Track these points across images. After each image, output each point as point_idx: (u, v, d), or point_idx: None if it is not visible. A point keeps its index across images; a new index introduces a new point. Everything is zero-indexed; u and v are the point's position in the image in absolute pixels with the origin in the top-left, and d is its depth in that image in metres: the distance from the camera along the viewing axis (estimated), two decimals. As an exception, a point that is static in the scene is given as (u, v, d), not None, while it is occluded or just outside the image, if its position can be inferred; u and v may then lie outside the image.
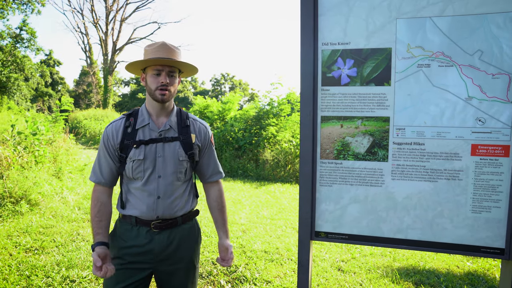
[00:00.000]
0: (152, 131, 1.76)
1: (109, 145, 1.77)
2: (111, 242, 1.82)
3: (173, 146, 1.78)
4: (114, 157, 1.79)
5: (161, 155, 1.75)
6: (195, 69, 1.87)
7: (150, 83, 1.74)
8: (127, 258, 1.76)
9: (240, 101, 12.74)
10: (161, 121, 1.80)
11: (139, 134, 1.76)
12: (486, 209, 1.44)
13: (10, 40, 24.99)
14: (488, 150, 1.42)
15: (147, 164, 1.74)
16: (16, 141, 6.53)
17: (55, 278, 3.31)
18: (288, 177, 8.89)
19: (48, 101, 35.53)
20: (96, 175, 1.81)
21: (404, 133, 1.50)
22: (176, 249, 1.81)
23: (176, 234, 1.81)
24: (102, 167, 1.80)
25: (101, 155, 1.81)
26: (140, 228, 1.77)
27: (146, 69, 1.77)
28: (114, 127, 1.79)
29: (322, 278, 3.53)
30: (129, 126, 1.77)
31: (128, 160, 1.74)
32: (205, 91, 49.26)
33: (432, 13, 1.42)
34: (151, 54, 1.73)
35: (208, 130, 1.92)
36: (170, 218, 1.78)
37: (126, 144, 1.74)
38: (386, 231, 1.57)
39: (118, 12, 33.04)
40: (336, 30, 1.53)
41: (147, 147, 1.74)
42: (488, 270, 3.67)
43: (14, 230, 4.52)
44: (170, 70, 1.74)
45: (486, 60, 1.38)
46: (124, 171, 1.77)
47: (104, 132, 1.82)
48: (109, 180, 1.81)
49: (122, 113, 1.80)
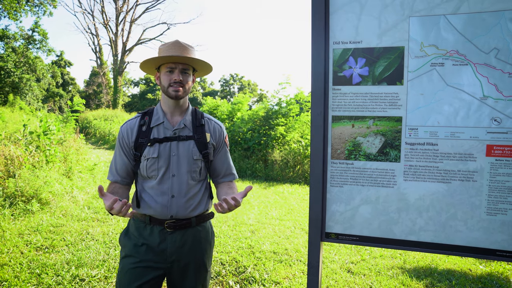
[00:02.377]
0: (167, 129, 1.77)
1: (124, 144, 1.78)
2: (124, 240, 1.82)
3: (188, 145, 1.77)
4: (130, 156, 1.79)
5: (176, 154, 1.75)
6: (209, 67, 1.86)
7: (163, 80, 1.74)
8: (140, 257, 1.75)
9: (249, 101, 12.73)
10: (175, 119, 1.80)
11: (153, 132, 1.76)
12: (502, 211, 1.41)
13: (22, 42, 25.39)
14: (504, 151, 1.38)
15: (161, 163, 1.74)
16: (28, 141, 6.61)
17: (65, 277, 3.33)
18: (297, 178, 8.85)
19: (59, 101, 35.92)
20: (113, 174, 1.82)
21: (416, 133, 1.48)
22: (189, 250, 1.80)
23: (189, 235, 1.80)
24: (118, 165, 1.81)
25: (117, 154, 1.82)
26: (153, 227, 1.76)
27: (160, 67, 1.78)
28: (129, 125, 1.80)
29: (332, 279, 3.50)
30: (144, 124, 1.78)
31: (143, 159, 1.75)
32: (214, 91, 49.38)
33: (446, 10, 1.39)
34: (164, 52, 1.74)
35: (223, 130, 1.92)
36: (184, 218, 1.77)
37: (141, 142, 1.75)
38: (398, 232, 1.54)
39: (128, 13, 33.32)
40: (347, 28, 1.51)
41: (161, 146, 1.74)
42: (502, 274, 3.60)
43: (25, 228, 4.57)
44: (183, 67, 1.74)
45: (502, 59, 1.35)
46: (139, 170, 1.77)
47: (119, 131, 1.83)
48: (126, 178, 1.82)
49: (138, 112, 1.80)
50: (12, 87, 23.72)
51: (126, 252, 1.79)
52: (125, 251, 1.80)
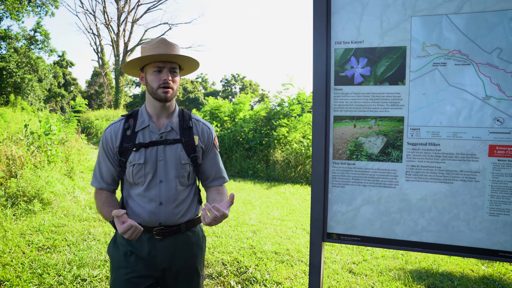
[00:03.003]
0: (153, 133, 1.68)
1: (108, 149, 1.70)
2: (112, 251, 1.76)
3: (175, 148, 1.69)
4: (114, 162, 1.71)
5: (163, 159, 1.67)
6: (196, 64, 1.77)
7: (151, 81, 1.64)
8: (130, 267, 1.68)
9: (251, 102, 12.73)
10: (162, 122, 1.71)
11: (138, 136, 1.67)
12: (504, 211, 1.40)
13: (24, 42, 25.43)
14: (506, 151, 1.38)
15: (148, 168, 1.65)
16: (30, 141, 6.62)
17: (67, 277, 3.34)
18: (299, 178, 8.84)
19: (60, 101, 35.98)
20: (98, 181, 1.74)
21: (418, 134, 1.47)
22: (180, 257, 1.73)
23: (179, 242, 1.73)
24: (102, 171, 1.73)
25: (101, 160, 1.73)
26: (142, 235, 1.68)
27: (145, 67, 1.67)
28: (113, 129, 1.70)
29: (333, 280, 3.49)
30: (128, 128, 1.68)
31: (128, 165, 1.66)
32: (216, 91, 49.40)
33: (449, 10, 1.39)
34: (150, 50, 1.62)
35: (211, 131, 1.83)
36: (173, 225, 1.70)
37: (126, 147, 1.66)
38: (400, 233, 1.54)
39: (130, 13, 33.37)
40: (349, 28, 1.51)
41: (147, 150, 1.65)
42: (505, 274, 3.59)
43: (27, 228, 4.58)
44: (171, 66, 1.65)
45: (505, 58, 1.34)
46: (125, 176, 1.70)
47: (102, 135, 1.73)
48: (111, 184, 1.74)
49: (122, 115, 1.77)
50: (14, 87, 23.76)
51: (116, 264, 1.72)
52: (115, 262, 1.73)
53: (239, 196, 6.98)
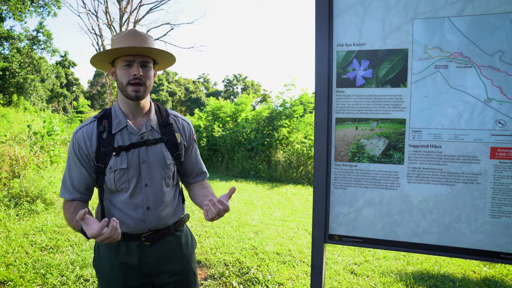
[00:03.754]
0: (132, 134, 1.55)
1: (82, 154, 1.52)
2: (97, 265, 1.64)
3: (158, 149, 1.58)
4: (89, 168, 1.54)
5: (146, 161, 1.55)
6: (172, 58, 1.63)
7: (120, 76, 1.50)
8: (120, 279, 1.58)
9: (252, 102, 12.75)
10: (139, 122, 1.58)
11: (117, 139, 1.53)
12: (506, 214, 1.40)
13: (27, 42, 25.55)
14: (508, 153, 1.38)
15: (131, 173, 1.53)
16: (32, 141, 6.64)
17: (70, 277, 3.35)
18: (301, 179, 8.85)
19: (63, 101, 36.09)
20: (69, 191, 1.55)
21: (420, 136, 1.48)
22: (172, 259, 1.66)
23: (170, 244, 1.66)
24: (74, 180, 1.54)
25: (72, 167, 1.55)
26: (129, 244, 1.58)
27: (115, 61, 1.53)
28: (86, 133, 1.53)
29: (335, 281, 3.50)
30: (104, 130, 1.52)
31: (108, 171, 1.51)
32: (218, 92, 49.42)
33: (451, 13, 1.39)
34: (119, 43, 1.48)
35: (191, 127, 1.74)
36: (162, 228, 1.62)
37: (104, 152, 1.51)
38: (402, 235, 1.54)
39: (132, 14, 33.41)
40: (351, 31, 1.51)
41: (128, 154, 1.52)
42: (507, 276, 3.59)
43: (30, 228, 4.60)
44: (143, 60, 1.50)
45: (507, 61, 1.34)
46: (104, 184, 1.54)
47: (72, 140, 1.55)
48: (85, 194, 1.57)
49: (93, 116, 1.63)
50: (16, 87, 23.86)
51: (104, 279, 1.61)
52: (104, 277, 1.61)
53: (241, 197, 6.99)
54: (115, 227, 1.25)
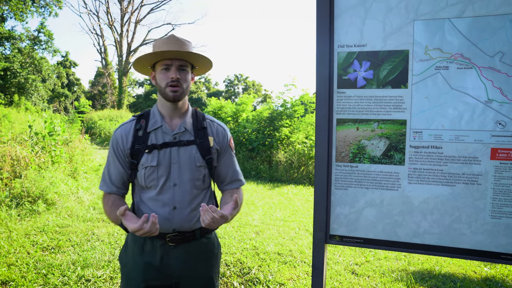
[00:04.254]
0: (166, 134, 1.61)
1: (119, 150, 1.62)
2: (123, 259, 1.70)
3: (189, 150, 1.61)
4: (125, 164, 1.63)
5: (176, 161, 1.60)
6: (209, 62, 1.69)
7: (159, 80, 1.58)
8: (142, 277, 1.61)
9: (253, 102, 12.75)
10: (175, 123, 1.64)
11: (151, 137, 1.60)
12: (506, 214, 1.41)
13: (28, 42, 25.59)
14: (508, 154, 1.39)
15: (160, 171, 1.58)
16: (34, 142, 6.66)
17: (71, 277, 3.36)
18: (302, 179, 8.85)
19: (64, 101, 36.13)
20: (107, 184, 1.66)
21: (421, 137, 1.48)
22: (195, 265, 1.65)
23: (194, 249, 1.65)
24: (112, 174, 1.65)
25: (110, 162, 1.66)
26: (154, 242, 1.61)
27: (155, 65, 1.62)
28: (124, 130, 1.63)
29: (336, 281, 3.50)
30: (140, 129, 1.61)
31: (140, 167, 1.59)
32: (219, 92, 49.44)
33: (451, 14, 1.40)
34: (159, 47, 1.57)
35: (226, 132, 1.76)
36: (187, 231, 1.62)
37: (137, 149, 1.59)
38: (402, 235, 1.55)
39: (133, 14, 33.47)
40: (352, 32, 1.52)
41: (160, 152, 1.58)
42: (507, 276, 3.59)
43: (31, 229, 4.61)
44: (180, 64, 1.57)
45: (507, 62, 1.35)
46: (136, 179, 1.62)
47: (112, 136, 1.66)
48: (121, 188, 1.67)
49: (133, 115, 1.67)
50: (18, 87, 23.89)
51: (127, 273, 1.66)
52: (126, 271, 1.66)
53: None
54: (154, 222, 1.36)
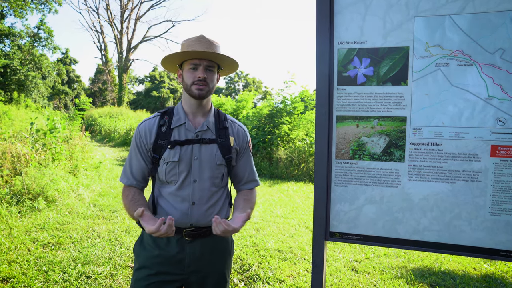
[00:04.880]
0: (188, 131, 1.65)
1: (142, 145, 1.66)
2: (138, 250, 1.72)
3: (211, 148, 1.66)
4: (147, 158, 1.67)
5: (197, 158, 1.64)
6: (235, 64, 1.74)
7: (186, 78, 1.63)
8: (156, 268, 1.65)
9: (254, 99, 12.73)
10: (198, 121, 1.68)
11: (174, 134, 1.64)
12: (506, 211, 1.41)
13: (28, 39, 25.54)
14: (508, 151, 1.38)
15: (182, 167, 1.62)
16: (34, 139, 6.66)
17: (72, 274, 3.37)
18: (302, 176, 8.85)
19: (64, 98, 36.13)
20: (127, 177, 1.69)
21: (421, 134, 1.48)
22: (209, 261, 1.70)
23: (209, 245, 1.70)
24: (133, 168, 1.69)
25: (132, 156, 1.69)
26: (170, 236, 1.62)
27: (183, 64, 1.66)
28: (148, 125, 1.67)
29: (336, 278, 3.51)
30: (164, 125, 1.65)
31: (162, 162, 1.63)
32: (219, 89, 49.43)
33: (452, 11, 1.39)
34: (188, 47, 1.62)
35: (246, 134, 1.81)
36: (204, 227, 1.67)
37: (160, 144, 1.63)
38: (402, 232, 1.55)
39: (133, 10, 33.40)
40: (352, 28, 1.52)
41: (182, 148, 1.62)
42: (507, 273, 3.59)
43: (32, 226, 4.62)
44: (208, 64, 1.62)
45: (508, 59, 1.34)
46: (157, 174, 1.66)
47: (136, 131, 1.70)
48: (141, 182, 1.70)
49: (157, 111, 1.74)
50: (18, 84, 23.88)
51: (140, 263, 1.69)
52: (140, 261, 1.69)
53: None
54: (170, 224, 1.41)
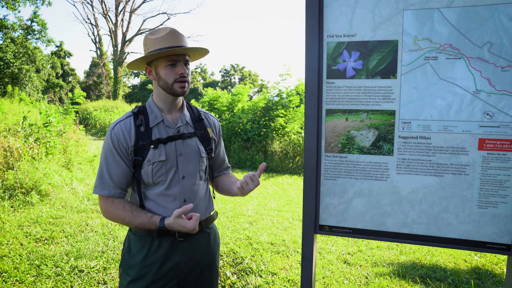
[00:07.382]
0: (169, 128, 1.59)
1: (121, 148, 1.53)
2: (128, 261, 1.61)
3: (193, 142, 1.64)
4: (129, 162, 1.55)
5: (182, 154, 1.60)
6: (206, 52, 1.72)
7: (165, 76, 1.54)
8: (149, 277, 1.56)
9: (250, 92, 12.71)
10: (174, 116, 1.63)
11: (154, 132, 1.56)
12: (492, 204, 1.42)
13: (21, 32, 25.26)
14: (496, 144, 1.39)
15: (168, 165, 1.56)
16: (27, 133, 6.61)
17: (64, 268, 3.37)
18: (297, 169, 8.88)
19: (59, 92, 35.84)
20: (108, 186, 1.54)
21: (410, 127, 1.48)
22: (202, 256, 1.68)
23: (200, 241, 1.67)
24: (113, 175, 1.54)
25: (110, 162, 1.54)
26: (162, 240, 1.57)
27: (155, 61, 1.56)
28: (123, 127, 1.55)
29: (328, 270, 3.53)
30: (141, 124, 1.55)
31: (146, 164, 1.54)
32: (215, 82, 49.23)
33: (441, 4, 1.39)
34: (161, 43, 1.52)
35: (218, 123, 1.84)
36: None
37: (142, 145, 1.53)
38: (391, 225, 1.55)
39: (128, 3, 33.06)
40: (341, 22, 1.51)
41: (166, 146, 1.56)
42: (497, 264, 3.63)
43: (25, 220, 4.60)
44: (185, 59, 1.57)
45: (495, 53, 1.34)
46: (140, 177, 1.56)
47: (110, 134, 1.55)
48: (124, 189, 1.59)
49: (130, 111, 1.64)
50: (11, 78, 23.66)
51: (133, 275, 1.58)
52: (132, 273, 1.58)
53: (236, 187, 7.00)
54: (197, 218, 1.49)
